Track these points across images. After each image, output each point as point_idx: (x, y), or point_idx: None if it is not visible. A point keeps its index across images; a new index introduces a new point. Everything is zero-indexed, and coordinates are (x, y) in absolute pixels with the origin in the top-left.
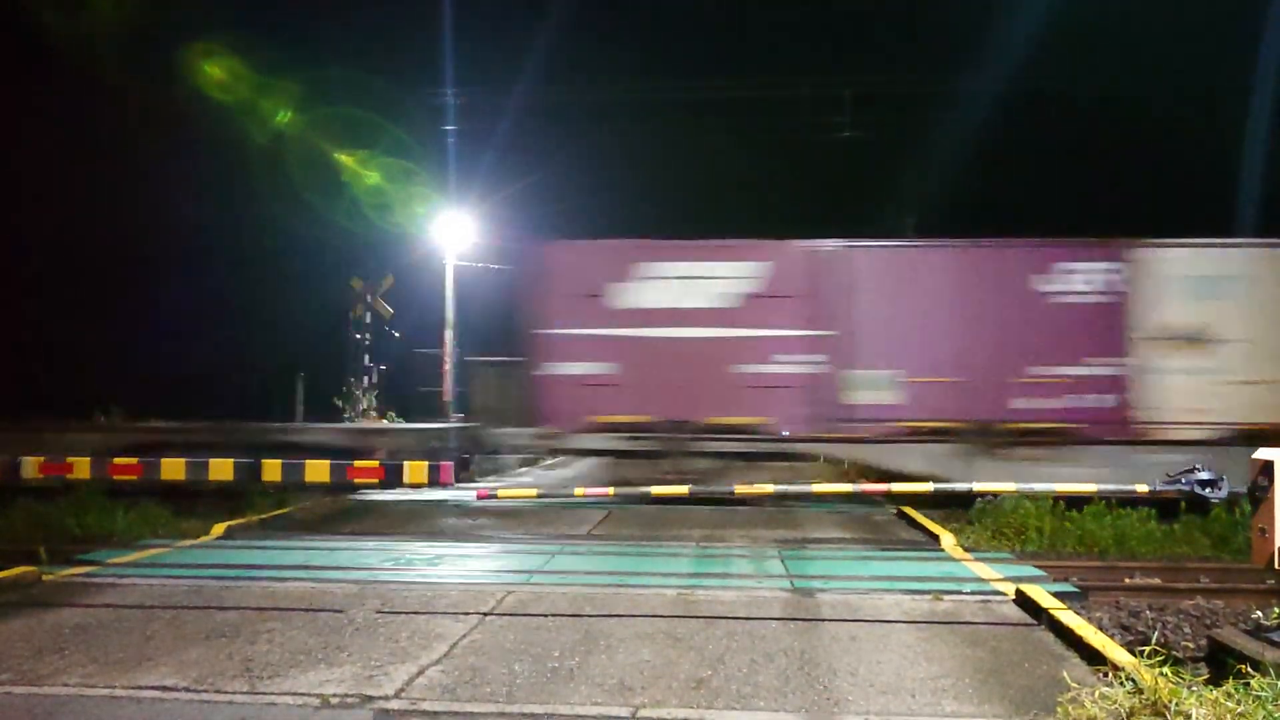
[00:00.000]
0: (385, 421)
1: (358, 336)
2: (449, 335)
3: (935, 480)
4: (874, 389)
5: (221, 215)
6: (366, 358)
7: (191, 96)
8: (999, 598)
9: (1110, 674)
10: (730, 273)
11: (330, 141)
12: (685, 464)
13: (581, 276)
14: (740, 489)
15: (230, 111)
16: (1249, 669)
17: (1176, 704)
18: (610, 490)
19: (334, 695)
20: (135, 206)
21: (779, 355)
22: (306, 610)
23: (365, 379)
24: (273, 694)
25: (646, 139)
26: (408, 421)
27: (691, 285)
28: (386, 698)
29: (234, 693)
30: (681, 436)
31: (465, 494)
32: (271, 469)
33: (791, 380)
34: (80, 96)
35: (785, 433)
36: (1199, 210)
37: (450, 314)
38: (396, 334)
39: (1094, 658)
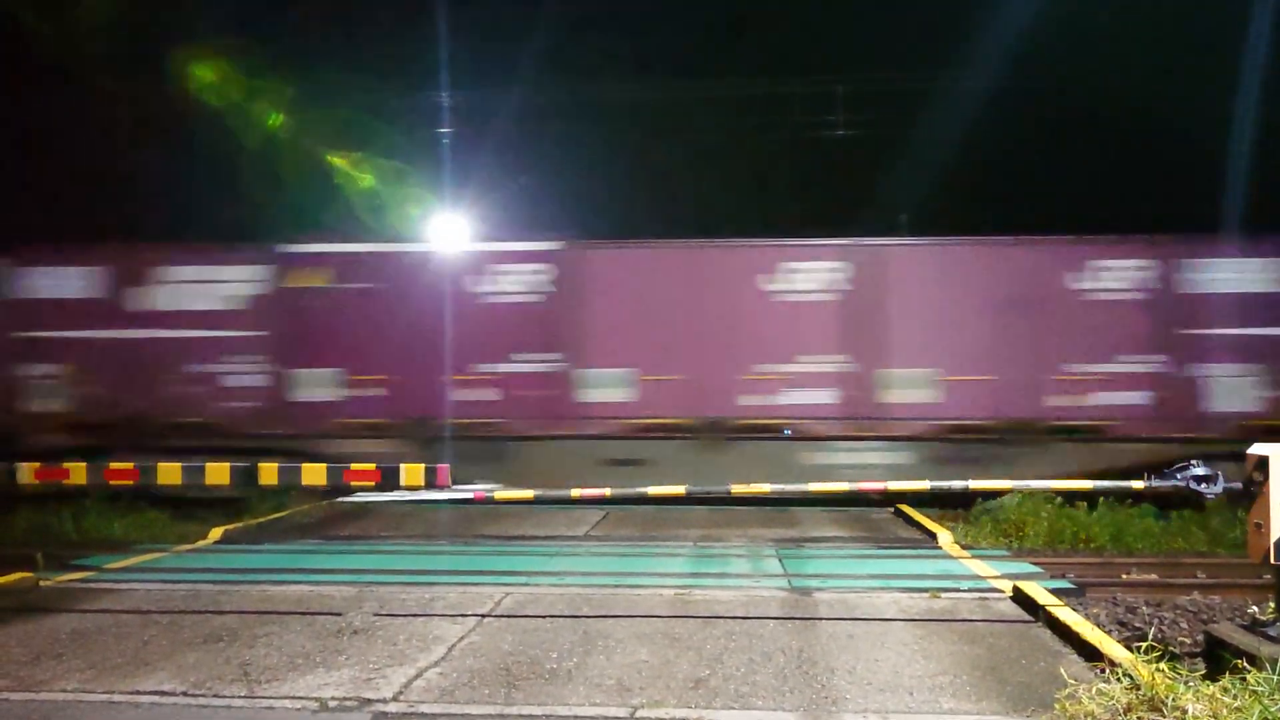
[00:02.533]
0: None
1: None
2: None
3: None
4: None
5: (216, 216)
6: None
7: (181, 97)
8: (996, 595)
9: (1107, 670)
10: None
11: (323, 143)
12: None
13: None
14: (737, 489)
15: (221, 114)
16: (1245, 664)
17: (1173, 699)
18: (607, 491)
19: (332, 699)
20: (127, 205)
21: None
22: (304, 614)
23: None
24: (270, 698)
25: (636, 138)
26: None
27: None
28: (384, 701)
29: (231, 697)
30: None
31: (463, 496)
32: (268, 473)
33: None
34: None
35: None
36: (1199, 206)
37: None
38: None
39: (1091, 654)
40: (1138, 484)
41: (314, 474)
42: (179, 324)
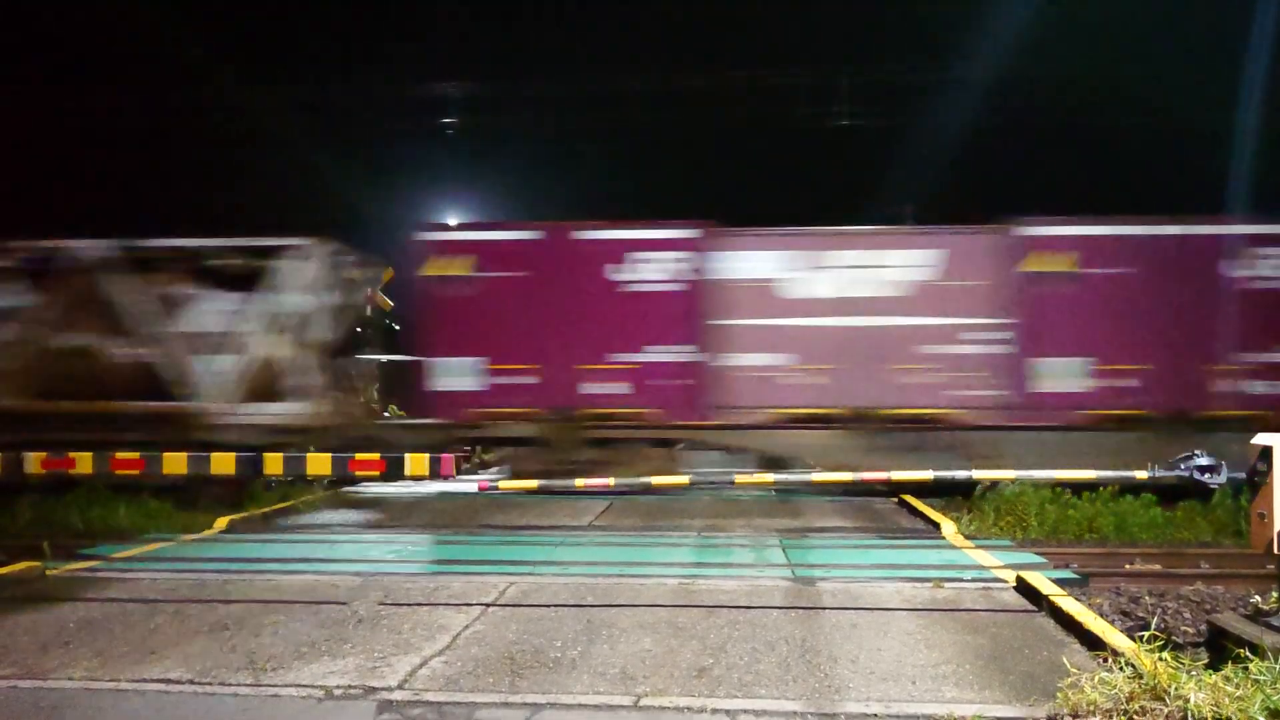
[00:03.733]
0: (386, 415)
1: (358, 330)
2: None
3: None
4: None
5: (218, 198)
6: (366, 350)
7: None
8: (1000, 584)
9: (1110, 659)
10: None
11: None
12: None
13: None
14: (740, 478)
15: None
16: (1248, 653)
17: (1175, 688)
18: (611, 481)
19: (337, 687)
20: (133, 190)
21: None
22: (309, 603)
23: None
24: (276, 686)
25: (642, 129)
26: (407, 415)
27: None
28: (390, 689)
29: (238, 685)
30: None
31: (467, 486)
32: (273, 462)
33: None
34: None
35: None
36: (1201, 197)
37: None
38: (397, 327)
39: (1094, 643)
40: (1141, 474)
41: (319, 464)
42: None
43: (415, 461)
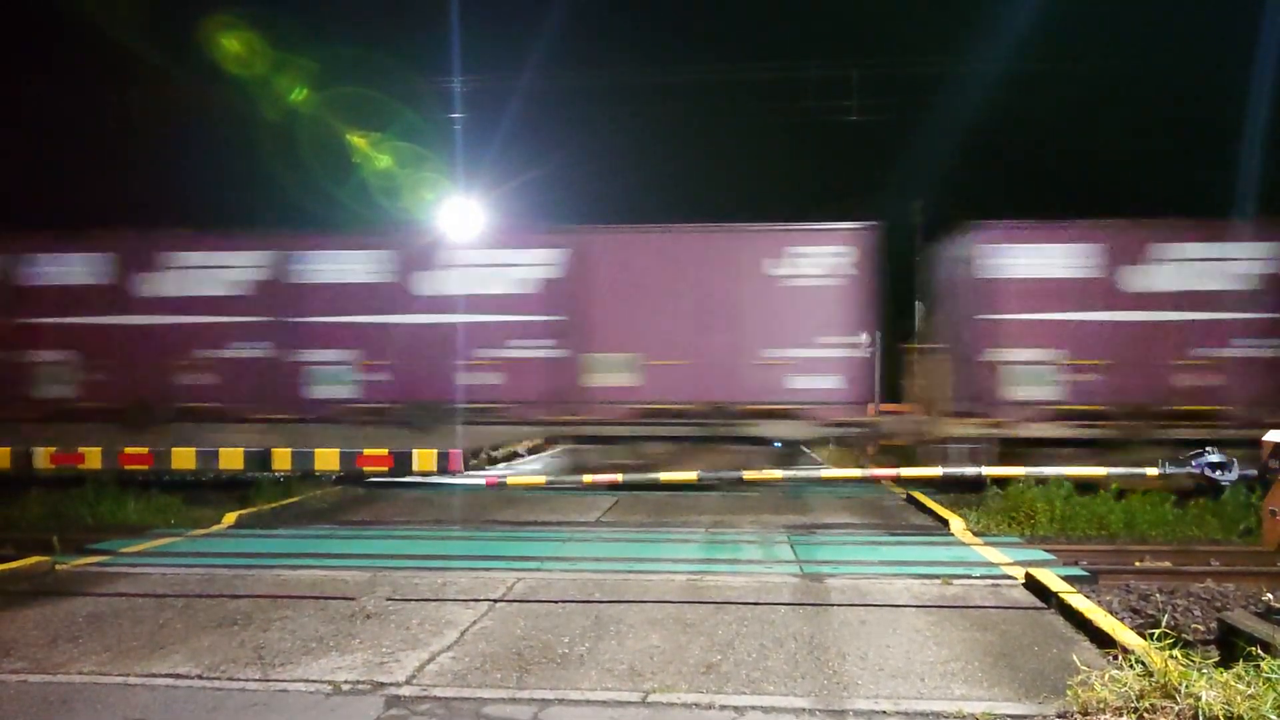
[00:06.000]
0: None
1: None
2: None
3: None
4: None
5: (235, 198)
6: None
7: (203, 74)
8: (1009, 581)
9: (1120, 657)
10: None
11: (342, 122)
12: None
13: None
14: (749, 475)
15: (244, 90)
16: (1259, 651)
17: (1186, 686)
18: (619, 477)
19: (345, 682)
20: (143, 187)
21: None
22: (318, 598)
23: None
24: (285, 681)
25: (653, 123)
26: None
27: None
28: (398, 684)
29: (246, 680)
30: None
31: (474, 482)
32: (281, 458)
33: None
34: (85, 74)
35: None
36: (1203, 196)
37: None
38: None
39: (1104, 641)
40: (1151, 471)
41: (327, 459)
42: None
43: (423, 457)
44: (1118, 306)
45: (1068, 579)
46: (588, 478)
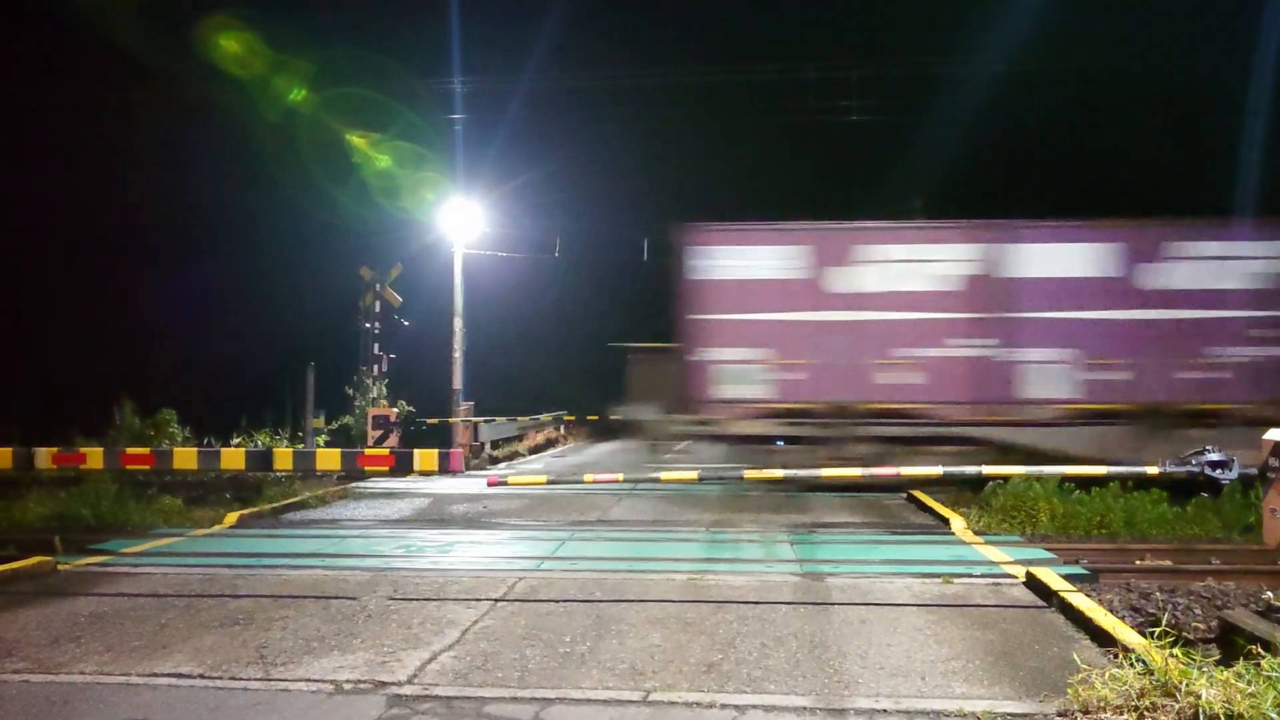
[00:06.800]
0: (395, 411)
1: (367, 325)
2: (458, 324)
3: None
4: None
5: (230, 201)
6: (376, 346)
7: (204, 79)
8: (1009, 580)
9: (1120, 655)
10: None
11: (341, 123)
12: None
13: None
14: (749, 473)
15: (243, 92)
16: (1260, 649)
17: (1187, 685)
18: (620, 476)
19: (347, 681)
20: (145, 194)
21: None
22: (319, 598)
23: (375, 368)
24: (286, 680)
25: (654, 125)
26: (416, 411)
27: None
28: (399, 684)
29: (248, 680)
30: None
31: (476, 481)
32: (283, 457)
33: None
34: (90, 79)
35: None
36: (1206, 191)
37: (459, 303)
38: (405, 322)
39: (1104, 639)
40: (1152, 469)
41: (328, 459)
42: None
43: (424, 457)
44: (826, 307)
45: (1068, 578)
46: (589, 477)
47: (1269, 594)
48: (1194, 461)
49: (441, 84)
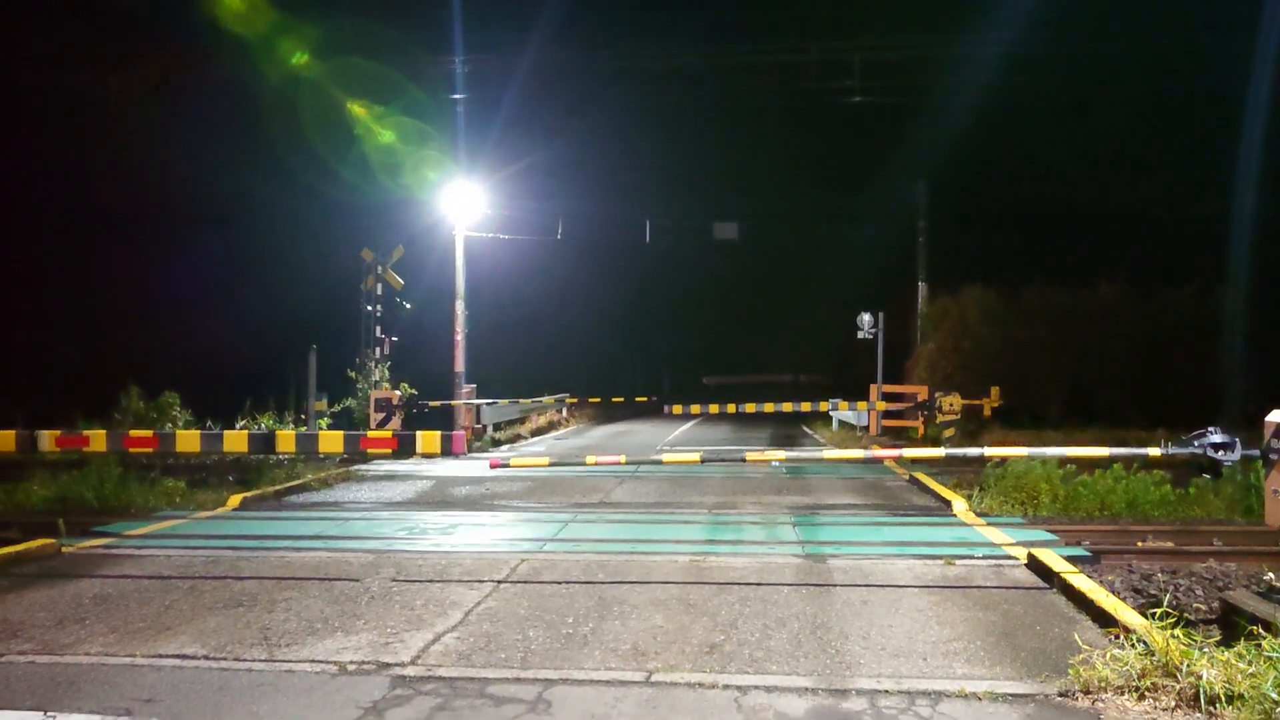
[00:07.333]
0: (398, 394)
1: (369, 308)
2: (460, 307)
3: None
4: None
5: (233, 181)
6: (378, 329)
7: (209, 46)
8: (1011, 562)
9: (1122, 636)
10: None
11: (344, 94)
12: None
13: None
14: (751, 455)
15: (246, 57)
16: (1260, 630)
17: (1188, 665)
18: (622, 458)
19: (351, 663)
20: (146, 175)
21: None
22: (323, 579)
23: (377, 350)
24: (290, 661)
25: (656, 106)
26: (419, 393)
27: None
28: (403, 665)
29: (252, 661)
30: None
31: (478, 464)
32: (285, 440)
33: None
34: (88, 54)
35: None
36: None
37: (461, 285)
38: (407, 305)
39: (1106, 620)
40: (1154, 450)
41: (331, 441)
42: None
43: (426, 439)
44: None
45: (1070, 559)
46: (591, 459)
47: (1270, 575)
48: (1196, 443)
49: (445, 62)
